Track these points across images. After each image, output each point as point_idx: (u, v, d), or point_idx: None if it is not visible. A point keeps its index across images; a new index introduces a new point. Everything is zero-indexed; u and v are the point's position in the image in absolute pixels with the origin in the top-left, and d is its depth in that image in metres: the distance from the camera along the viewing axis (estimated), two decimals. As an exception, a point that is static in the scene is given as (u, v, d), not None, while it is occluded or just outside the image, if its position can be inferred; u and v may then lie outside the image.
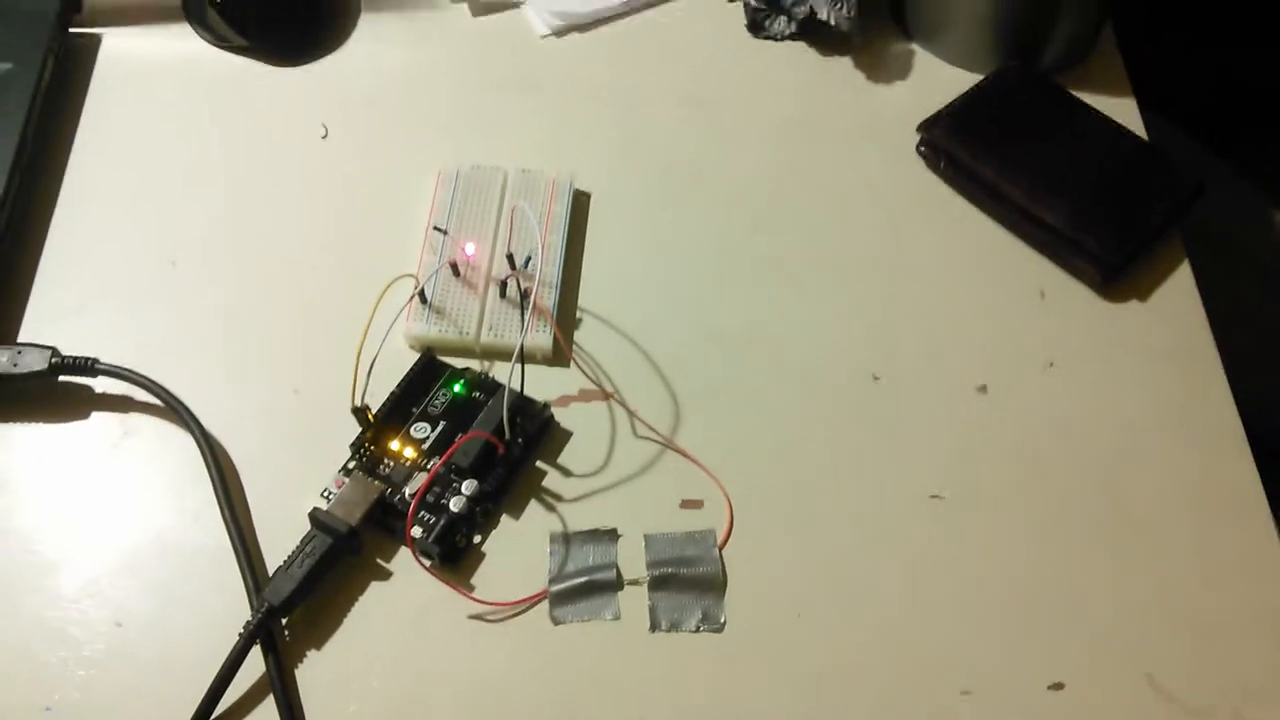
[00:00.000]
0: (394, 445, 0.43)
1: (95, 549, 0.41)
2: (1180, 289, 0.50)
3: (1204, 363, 0.48)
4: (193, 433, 0.43)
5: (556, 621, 0.40)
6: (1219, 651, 0.40)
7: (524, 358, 0.44)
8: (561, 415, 0.45)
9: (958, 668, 0.40)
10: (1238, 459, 0.45)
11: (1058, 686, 0.40)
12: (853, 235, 0.52)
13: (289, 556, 0.39)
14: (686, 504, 0.43)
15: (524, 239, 0.49)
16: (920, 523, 0.43)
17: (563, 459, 0.44)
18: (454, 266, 0.47)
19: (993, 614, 0.41)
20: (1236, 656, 0.40)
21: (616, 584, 0.41)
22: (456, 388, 0.45)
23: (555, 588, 0.41)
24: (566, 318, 0.48)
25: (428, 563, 0.40)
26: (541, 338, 0.46)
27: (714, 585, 0.41)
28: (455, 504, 0.41)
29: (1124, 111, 0.56)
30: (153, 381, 0.43)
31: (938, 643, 0.40)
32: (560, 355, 0.47)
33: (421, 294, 0.46)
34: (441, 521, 0.41)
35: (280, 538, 0.41)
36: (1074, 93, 0.55)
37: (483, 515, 0.42)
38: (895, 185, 0.54)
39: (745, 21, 0.59)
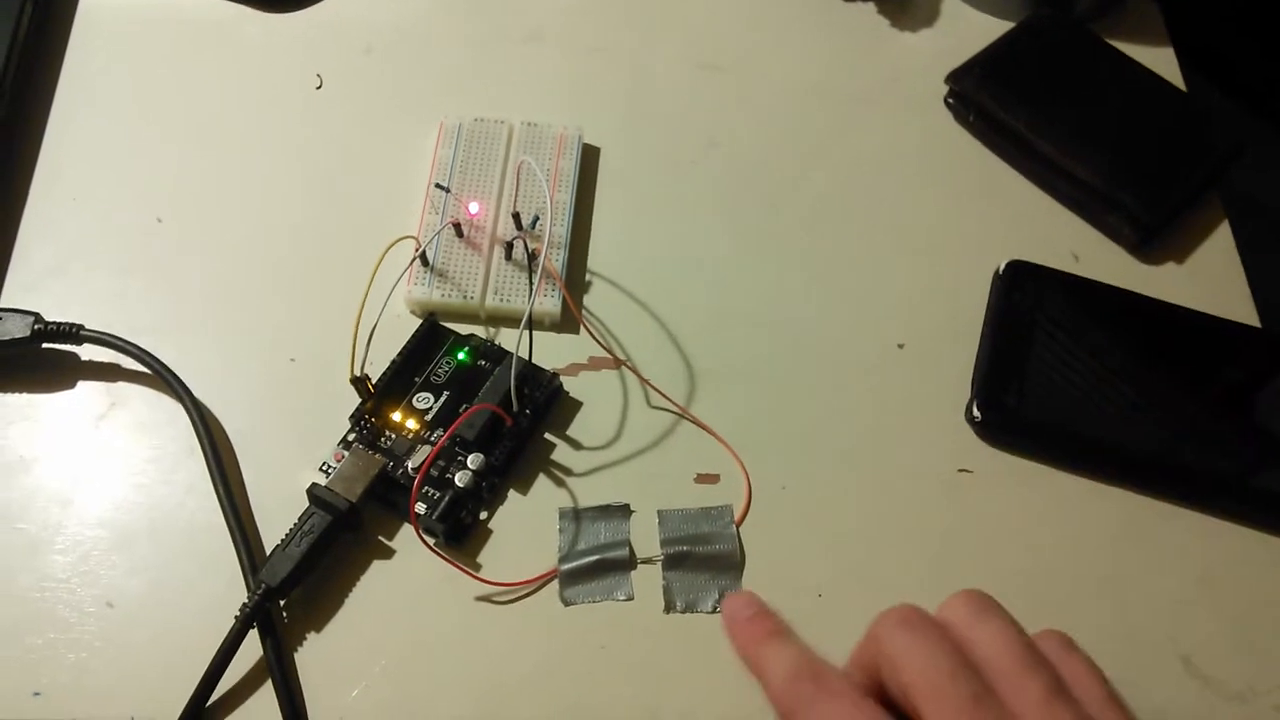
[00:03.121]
0: (395, 417, 0.41)
1: (84, 526, 0.39)
2: (1220, 251, 0.48)
3: (1245, 329, 0.46)
4: (184, 403, 0.40)
5: (567, 602, 0.38)
6: (1259, 635, 0.39)
7: (532, 323, 0.41)
8: (571, 384, 0.43)
9: (986, 651, 0.38)
10: None
11: (1090, 670, 0.38)
12: (876, 192, 0.49)
13: (287, 535, 0.37)
14: (702, 478, 0.41)
15: (531, 197, 0.46)
16: (947, 498, 0.41)
17: (572, 431, 0.42)
18: (457, 226, 0.45)
19: (1022, 594, 0.39)
20: (1277, 641, 0.39)
21: (629, 563, 0.39)
22: (461, 355, 0.43)
23: (565, 567, 0.39)
24: (576, 281, 0.46)
25: (432, 541, 0.38)
26: (550, 302, 0.44)
27: (731, 564, 0.39)
28: (460, 479, 0.39)
29: (1161, 62, 0.53)
30: (141, 349, 0.41)
31: (965, 625, 0.39)
32: (570, 321, 0.45)
33: (423, 256, 0.44)
34: (446, 497, 0.39)
35: (277, 513, 0.39)
36: (1110, 41, 0.52)
37: (489, 491, 0.40)
38: (921, 139, 0.51)
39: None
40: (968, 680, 0.25)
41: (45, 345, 0.42)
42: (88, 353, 0.42)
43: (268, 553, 0.37)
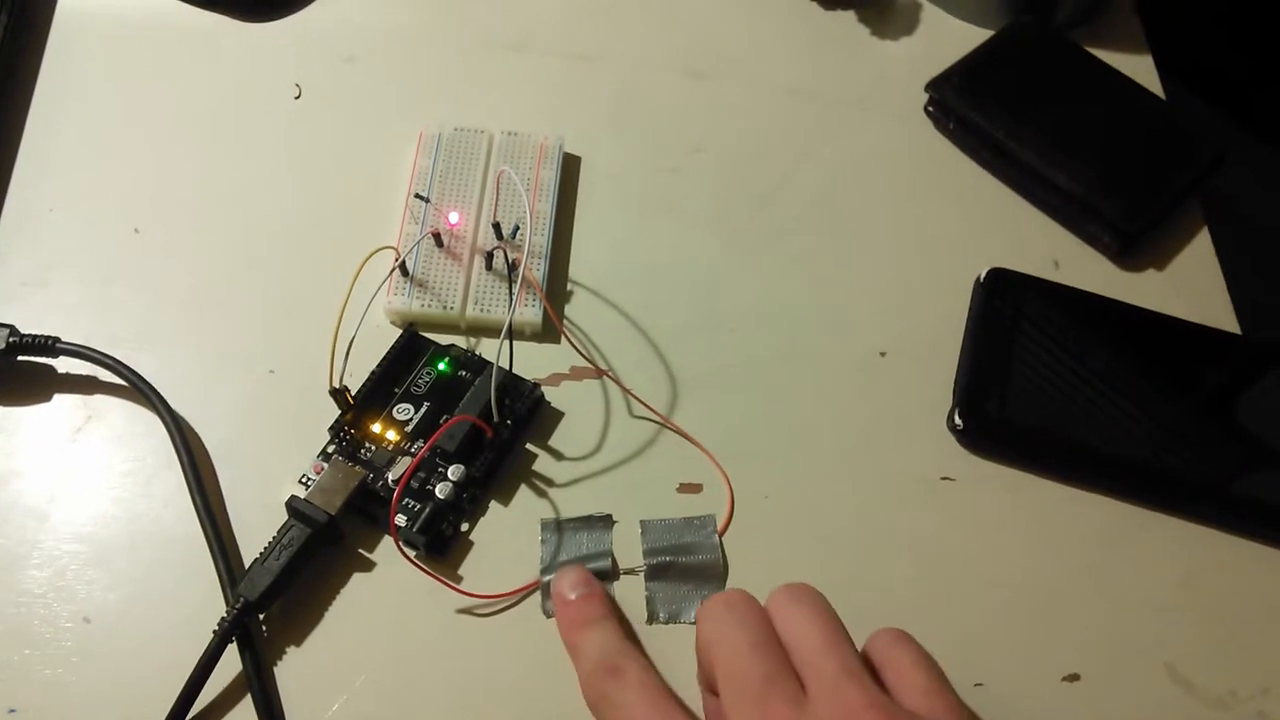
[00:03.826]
0: (375, 428, 0.41)
1: (60, 540, 0.39)
2: (1200, 259, 0.48)
3: (1225, 336, 0.46)
4: (161, 416, 0.40)
5: (549, 614, 0.38)
6: (1241, 641, 0.39)
7: (512, 333, 0.41)
8: (552, 394, 0.43)
9: (969, 659, 0.38)
10: (1260, 438, 0.43)
11: (1073, 678, 0.38)
12: (856, 200, 0.49)
13: (265, 548, 0.37)
14: (685, 488, 0.41)
15: (511, 206, 0.46)
16: (929, 506, 0.41)
17: (554, 441, 0.42)
18: (437, 237, 0.45)
19: (1006, 602, 0.40)
20: (1259, 646, 0.39)
21: (611, 573, 0.39)
22: (441, 366, 0.43)
23: (547, 578, 0.39)
24: (557, 291, 0.46)
25: (412, 553, 0.38)
26: (531, 312, 0.44)
27: (714, 574, 0.39)
28: (441, 490, 0.39)
29: (1141, 71, 0.53)
30: (117, 361, 0.41)
31: (949, 633, 0.38)
32: (551, 330, 0.44)
33: (403, 266, 0.44)
34: (427, 509, 0.39)
35: (256, 526, 0.39)
36: (1090, 50, 0.52)
37: (470, 502, 0.40)
38: (901, 148, 0.51)
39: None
40: (765, 660, 0.26)
41: (20, 358, 0.41)
42: (64, 365, 0.42)
43: (246, 566, 0.37)
